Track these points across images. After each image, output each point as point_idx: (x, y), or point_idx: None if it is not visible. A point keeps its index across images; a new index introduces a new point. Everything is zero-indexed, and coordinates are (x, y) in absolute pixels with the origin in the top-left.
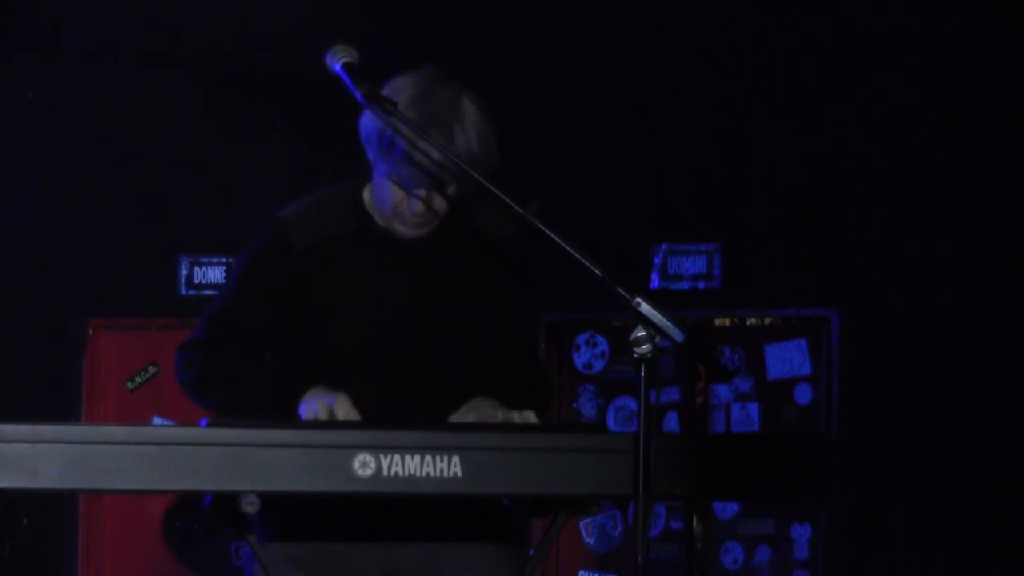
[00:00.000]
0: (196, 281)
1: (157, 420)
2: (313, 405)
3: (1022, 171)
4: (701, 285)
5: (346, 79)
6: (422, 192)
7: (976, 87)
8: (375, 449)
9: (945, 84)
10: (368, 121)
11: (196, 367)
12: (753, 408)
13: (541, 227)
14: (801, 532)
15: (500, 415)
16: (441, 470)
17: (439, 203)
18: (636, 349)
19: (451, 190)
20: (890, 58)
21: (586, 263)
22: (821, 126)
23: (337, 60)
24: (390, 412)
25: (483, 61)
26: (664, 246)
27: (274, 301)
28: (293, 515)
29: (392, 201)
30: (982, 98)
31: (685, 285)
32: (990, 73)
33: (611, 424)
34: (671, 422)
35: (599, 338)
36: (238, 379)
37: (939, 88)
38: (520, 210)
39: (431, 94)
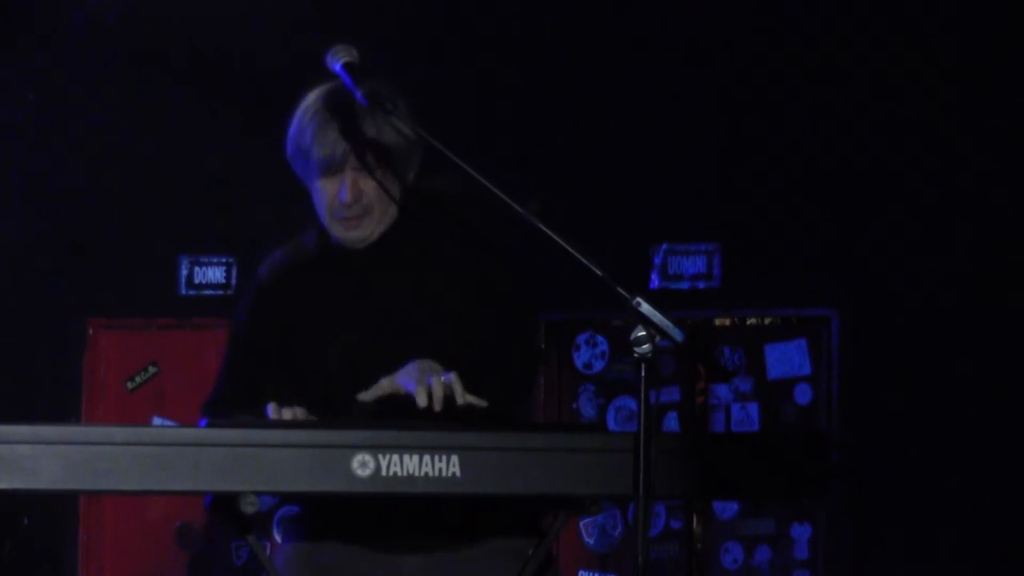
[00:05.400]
0: (196, 281)
1: (157, 420)
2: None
3: (1022, 170)
4: (701, 285)
5: (346, 79)
6: (348, 178)
7: (975, 87)
8: (374, 449)
9: (945, 84)
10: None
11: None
12: (753, 408)
13: (541, 226)
14: (801, 532)
15: (436, 384)
16: (440, 470)
17: (369, 187)
18: (636, 349)
19: (379, 175)
20: (890, 58)
21: (586, 263)
22: (821, 126)
23: (337, 60)
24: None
25: (484, 61)
26: (664, 246)
27: (264, 348)
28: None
29: (325, 202)
30: (981, 98)
31: (685, 285)
32: (990, 72)
33: (611, 424)
34: (671, 422)
35: (599, 338)
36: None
37: (939, 88)
38: (520, 210)
39: (333, 91)
